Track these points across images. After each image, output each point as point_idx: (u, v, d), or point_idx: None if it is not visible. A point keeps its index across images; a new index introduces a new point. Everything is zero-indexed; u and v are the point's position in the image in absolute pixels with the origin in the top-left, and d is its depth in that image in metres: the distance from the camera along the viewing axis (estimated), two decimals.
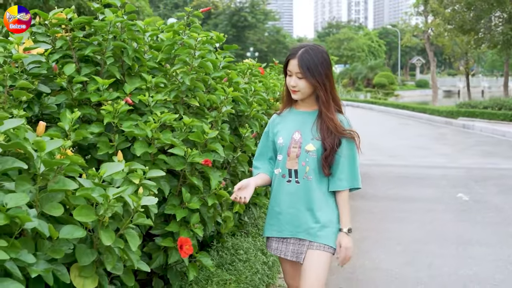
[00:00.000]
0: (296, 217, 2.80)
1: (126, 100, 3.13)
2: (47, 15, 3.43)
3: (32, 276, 2.05)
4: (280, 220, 2.85)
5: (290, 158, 2.80)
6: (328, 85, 2.75)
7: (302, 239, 2.81)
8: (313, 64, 2.70)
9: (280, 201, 2.84)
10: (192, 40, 3.34)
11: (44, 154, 2.23)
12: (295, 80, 2.74)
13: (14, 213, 1.96)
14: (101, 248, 2.39)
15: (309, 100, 2.85)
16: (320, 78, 2.71)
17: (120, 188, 2.32)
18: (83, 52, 3.33)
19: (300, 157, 2.78)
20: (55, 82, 3.14)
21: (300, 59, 2.70)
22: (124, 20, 3.30)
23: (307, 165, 2.77)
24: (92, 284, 2.32)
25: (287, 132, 2.85)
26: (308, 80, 2.70)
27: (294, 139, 2.81)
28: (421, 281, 4.81)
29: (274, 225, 2.88)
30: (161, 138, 2.96)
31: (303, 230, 2.79)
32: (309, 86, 2.73)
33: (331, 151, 2.74)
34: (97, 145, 2.96)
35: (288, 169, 2.81)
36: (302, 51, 2.72)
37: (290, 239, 2.84)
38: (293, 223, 2.81)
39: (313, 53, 2.72)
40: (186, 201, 3.01)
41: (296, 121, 2.86)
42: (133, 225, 2.46)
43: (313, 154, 2.76)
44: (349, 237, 2.79)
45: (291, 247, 2.84)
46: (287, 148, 2.81)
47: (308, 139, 2.78)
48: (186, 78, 3.27)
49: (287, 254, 2.85)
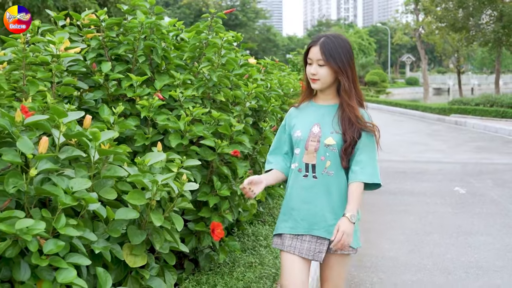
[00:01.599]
0: (312, 213, 2.67)
1: (157, 95, 3.35)
2: (79, 16, 3.64)
3: (96, 252, 2.28)
4: (294, 216, 2.72)
5: (308, 152, 2.68)
6: (350, 74, 2.65)
7: (320, 237, 2.67)
8: (335, 50, 2.60)
9: (294, 196, 2.73)
10: (218, 40, 3.57)
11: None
12: (316, 68, 2.63)
13: (81, 195, 2.18)
14: (149, 229, 2.61)
15: (329, 91, 2.74)
16: (342, 65, 2.61)
17: (167, 175, 2.56)
18: (115, 51, 3.55)
19: (319, 151, 2.66)
20: (92, 79, 3.36)
21: (322, 45, 2.61)
22: (154, 21, 3.52)
23: (327, 159, 2.65)
24: (142, 262, 2.55)
25: (305, 125, 2.74)
26: (330, 66, 2.60)
27: (313, 132, 2.69)
28: (425, 267, 5.06)
29: (288, 221, 2.74)
30: (193, 130, 3.19)
31: (321, 228, 2.66)
32: (330, 74, 2.63)
33: (350, 143, 2.63)
34: (134, 137, 3.18)
35: (305, 163, 2.69)
36: (324, 38, 2.64)
37: (306, 236, 2.69)
38: (308, 220, 2.68)
39: (336, 41, 2.63)
40: (217, 189, 3.24)
41: (315, 114, 2.75)
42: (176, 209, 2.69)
43: (333, 148, 2.65)
44: (350, 224, 2.53)
45: (306, 244, 2.68)
46: (305, 142, 2.69)
47: (328, 133, 2.66)
48: (213, 75, 3.50)
49: (302, 252, 2.68)
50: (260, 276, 3.49)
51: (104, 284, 2.23)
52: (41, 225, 1.96)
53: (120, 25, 3.73)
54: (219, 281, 3.25)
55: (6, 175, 2.04)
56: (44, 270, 2.05)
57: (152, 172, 2.60)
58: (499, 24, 24.08)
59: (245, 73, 3.92)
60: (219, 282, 3.23)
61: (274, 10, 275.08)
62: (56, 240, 2.05)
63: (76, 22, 3.75)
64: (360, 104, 2.73)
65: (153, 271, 2.69)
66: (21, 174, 2.09)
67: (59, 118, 2.28)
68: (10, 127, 2.22)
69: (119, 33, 3.66)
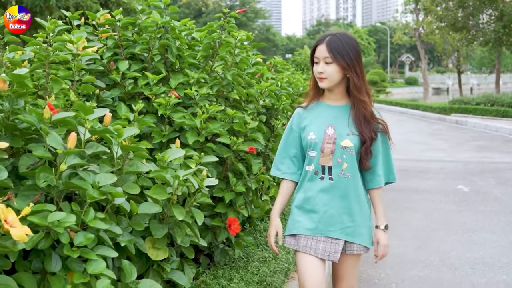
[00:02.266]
0: (330, 216, 2.64)
1: (174, 93, 3.42)
2: (95, 16, 3.71)
3: (122, 245, 2.35)
4: (312, 218, 2.68)
5: (324, 155, 2.64)
6: (359, 70, 2.62)
7: (335, 238, 2.65)
8: (342, 47, 2.57)
9: (312, 198, 2.68)
10: (232, 39, 3.64)
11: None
12: (323, 66, 2.59)
13: (107, 190, 2.25)
14: (170, 223, 2.68)
15: (338, 91, 2.70)
16: (350, 61, 2.58)
17: (188, 170, 2.62)
18: (131, 50, 3.62)
19: (335, 153, 2.62)
20: (109, 77, 3.43)
21: (329, 43, 2.58)
22: (168, 20, 3.59)
23: (344, 161, 2.62)
24: (164, 255, 2.62)
25: (318, 127, 2.68)
26: (338, 63, 2.56)
27: (328, 134, 2.64)
28: (432, 263, 5.13)
29: (302, 222, 2.70)
30: (210, 128, 3.26)
31: (337, 229, 2.65)
32: (338, 72, 2.59)
33: (371, 142, 2.62)
34: (152, 134, 3.25)
35: (321, 166, 2.65)
36: (330, 36, 2.61)
37: (320, 237, 2.67)
38: (326, 221, 2.65)
39: (342, 38, 2.60)
40: (232, 185, 3.31)
41: (328, 116, 2.69)
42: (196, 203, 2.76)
43: (351, 151, 2.62)
44: (386, 234, 2.71)
45: (321, 245, 2.66)
46: (321, 144, 2.64)
47: (344, 135, 2.63)
48: (227, 74, 3.57)
49: (318, 252, 2.65)
50: (274, 270, 3.57)
51: (130, 275, 2.30)
52: (72, 218, 2.03)
53: (134, 24, 3.79)
54: (234, 275, 3.32)
55: (38, 170, 2.10)
56: (74, 261, 2.12)
57: (173, 168, 2.66)
58: (499, 23, 24.18)
59: (257, 72, 3.99)
60: (235, 276, 3.31)
61: (273, 10, 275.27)
62: (85, 232, 2.11)
63: (91, 21, 3.81)
64: (369, 101, 2.71)
65: (174, 264, 2.75)
66: (51, 169, 2.15)
67: (85, 115, 2.34)
68: (38, 123, 2.28)
69: (133, 33, 3.73)
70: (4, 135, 2.31)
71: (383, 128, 2.71)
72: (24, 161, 2.23)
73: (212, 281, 3.18)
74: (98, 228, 2.19)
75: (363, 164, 2.66)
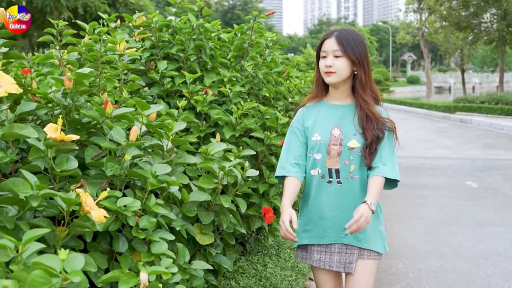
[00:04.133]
0: (341, 221, 2.50)
1: (209, 91, 3.64)
2: (131, 18, 3.92)
3: (177, 229, 2.57)
4: (321, 225, 2.58)
5: (330, 157, 2.54)
6: (366, 67, 2.55)
7: (349, 246, 2.56)
8: (352, 41, 2.49)
9: (321, 204, 2.58)
10: (263, 40, 3.86)
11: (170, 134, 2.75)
12: (332, 60, 2.49)
13: (164, 179, 2.47)
14: (215, 211, 2.90)
15: (344, 88, 2.60)
16: (360, 56, 2.50)
17: (232, 162, 2.85)
18: (167, 50, 3.84)
19: (342, 155, 2.52)
20: (148, 76, 3.65)
21: (338, 36, 2.50)
22: (203, 23, 3.81)
23: (351, 163, 2.52)
24: (210, 240, 2.84)
25: (323, 127, 2.58)
26: (348, 57, 2.48)
27: (334, 135, 2.55)
28: (445, 254, 5.35)
29: (313, 231, 2.61)
30: (245, 123, 3.47)
31: (349, 235, 2.52)
32: (347, 67, 2.50)
33: (372, 140, 2.50)
34: (190, 129, 3.47)
35: (328, 169, 2.55)
36: (339, 30, 2.55)
37: (334, 246, 2.58)
38: (337, 228, 2.54)
39: (351, 32, 2.54)
40: (266, 176, 3.52)
41: (333, 116, 2.60)
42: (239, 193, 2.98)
43: (358, 151, 2.52)
44: (369, 210, 2.37)
45: (336, 256, 2.57)
46: (327, 146, 2.54)
47: (350, 135, 2.54)
48: (259, 72, 3.78)
49: (333, 265, 2.57)
50: None
51: (183, 257, 2.53)
52: (137, 203, 2.25)
53: (168, 26, 4.01)
54: (268, 261, 3.54)
55: (106, 160, 2.32)
56: (138, 242, 2.34)
57: (218, 161, 2.88)
58: (503, 23, 24.38)
59: (284, 71, 4.21)
60: (268, 262, 3.53)
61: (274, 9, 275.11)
62: (148, 216, 2.33)
63: (128, 23, 4.02)
64: (376, 100, 2.62)
65: (218, 249, 2.98)
66: (116, 159, 2.37)
67: (142, 110, 2.56)
68: (100, 118, 2.50)
69: (167, 34, 3.94)
70: (68, 129, 2.52)
71: (390, 127, 2.58)
72: (89, 152, 2.45)
73: (249, 267, 3.40)
74: (157, 213, 2.41)
75: (364, 162, 2.52)
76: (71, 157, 2.25)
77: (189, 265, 2.57)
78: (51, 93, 2.54)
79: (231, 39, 4.23)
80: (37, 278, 1.44)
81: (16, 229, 1.95)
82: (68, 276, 1.47)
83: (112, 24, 3.95)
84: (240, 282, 3.16)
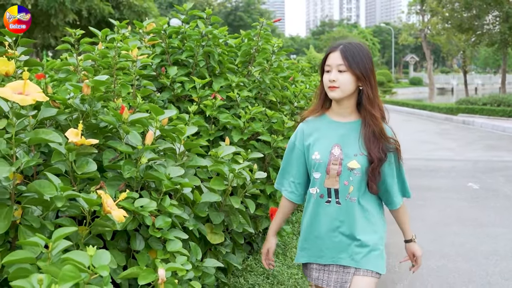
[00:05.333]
0: (338, 242, 2.48)
1: (217, 96, 3.77)
2: (142, 25, 4.06)
3: (190, 229, 2.70)
4: (319, 245, 2.53)
5: (329, 177, 2.46)
6: (373, 82, 2.45)
7: (346, 266, 2.49)
8: (357, 56, 2.40)
9: (319, 224, 2.52)
10: (269, 46, 3.99)
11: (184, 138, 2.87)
12: (335, 74, 2.40)
13: (178, 181, 2.60)
14: (225, 211, 3.03)
15: (348, 104, 2.50)
16: (366, 72, 2.41)
17: (242, 164, 2.98)
18: (177, 56, 3.97)
19: (342, 175, 2.44)
20: (159, 81, 3.78)
21: (344, 50, 2.41)
22: (212, 30, 3.94)
23: (350, 184, 2.44)
24: (220, 239, 2.97)
25: (324, 146, 2.50)
26: (352, 73, 2.39)
27: (334, 154, 2.46)
28: (447, 254, 5.47)
29: (311, 250, 2.56)
30: (253, 127, 3.60)
31: (347, 256, 2.48)
32: (352, 82, 2.40)
33: (378, 162, 2.43)
34: (200, 133, 3.60)
35: (327, 188, 2.47)
36: (344, 44, 2.45)
37: (332, 266, 2.52)
38: (334, 248, 2.49)
39: (357, 46, 2.45)
40: (273, 178, 3.65)
41: (334, 134, 2.50)
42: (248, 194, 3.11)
43: (357, 173, 2.43)
44: (417, 244, 2.72)
45: (333, 275, 2.51)
46: (326, 165, 2.46)
47: (351, 155, 2.44)
48: (266, 78, 3.92)
49: (330, 284, 2.51)
50: None
51: (196, 255, 2.66)
52: (153, 204, 2.38)
53: (178, 33, 4.14)
54: (275, 260, 3.67)
55: (123, 163, 2.46)
56: (154, 241, 2.48)
57: (228, 163, 3.01)
58: (505, 25, 24.49)
59: (289, 76, 4.34)
60: (275, 261, 3.66)
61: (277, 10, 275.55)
62: (164, 216, 2.46)
63: (138, 29, 4.16)
64: (382, 117, 2.51)
65: (228, 248, 3.11)
66: (133, 162, 2.50)
67: (156, 115, 2.69)
68: (116, 123, 2.63)
69: (177, 40, 4.08)
70: (86, 133, 2.65)
71: (394, 148, 2.49)
72: (107, 155, 2.58)
73: (256, 265, 3.54)
74: (171, 213, 2.54)
75: (370, 187, 2.46)
76: (90, 160, 2.38)
77: (201, 263, 2.70)
78: (69, 99, 2.66)
79: (238, 45, 4.36)
80: (68, 272, 1.56)
81: (41, 228, 2.09)
82: (96, 270, 1.60)
83: (123, 31, 4.08)
84: (248, 279, 3.29)
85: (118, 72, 3.40)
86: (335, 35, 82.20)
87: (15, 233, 2.09)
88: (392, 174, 2.52)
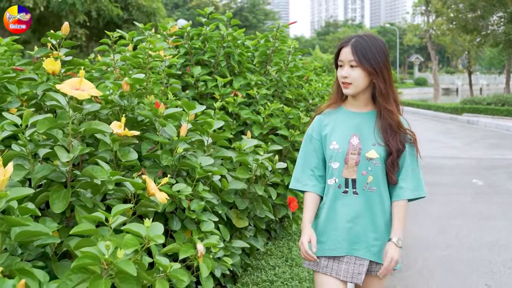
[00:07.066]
0: (354, 233, 2.44)
1: (238, 94, 4.05)
2: (166, 27, 4.34)
3: (219, 212, 2.98)
4: (335, 236, 2.47)
5: (348, 166, 2.43)
6: (386, 76, 2.41)
7: (359, 258, 2.44)
8: (369, 50, 2.38)
9: (335, 214, 2.47)
10: (286, 47, 4.28)
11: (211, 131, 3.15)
12: (347, 71, 2.40)
13: (209, 169, 2.88)
14: (250, 198, 3.31)
15: (363, 97, 2.50)
16: (378, 66, 2.38)
17: (265, 155, 3.26)
18: (199, 57, 4.26)
19: (360, 165, 2.42)
20: (184, 80, 4.07)
21: (354, 45, 2.38)
22: (232, 32, 4.23)
23: (369, 174, 2.42)
24: (245, 224, 3.25)
25: (342, 135, 2.47)
26: (363, 68, 2.37)
27: (352, 144, 2.44)
28: (452, 245, 5.75)
29: (325, 243, 2.48)
30: (272, 122, 3.89)
31: (362, 248, 2.44)
32: (363, 77, 2.39)
33: (398, 154, 2.42)
34: (223, 128, 3.89)
35: (345, 178, 2.44)
36: (356, 38, 2.42)
37: (343, 257, 2.47)
38: (350, 240, 2.45)
39: (369, 40, 2.41)
40: (290, 170, 3.93)
41: (351, 123, 2.49)
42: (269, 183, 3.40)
43: (376, 163, 2.41)
44: (397, 249, 2.38)
45: (344, 266, 2.46)
46: (345, 155, 2.43)
47: (369, 145, 2.43)
48: (283, 77, 4.21)
49: (340, 274, 2.45)
50: None
51: (226, 236, 2.93)
52: (188, 189, 2.66)
53: (200, 34, 4.43)
54: (292, 246, 3.95)
55: (161, 152, 2.75)
56: (189, 222, 2.76)
57: (251, 154, 3.30)
58: (509, 25, 24.72)
59: (304, 75, 4.63)
60: (293, 246, 3.94)
61: (281, 11, 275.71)
62: (198, 200, 2.75)
63: (162, 31, 4.44)
64: (397, 109, 2.50)
65: (251, 232, 3.39)
66: (169, 152, 2.79)
67: (188, 110, 2.97)
68: (153, 117, 2.92)
69: (199, 42, 4.37)
70: (125, 126, 2.94)
71: (412, 140, 2.49)
72: (145, 146, 2.87)
73: (276, 250, 3.82)
74: (204, 197, 2.82)
75: (389, 178, 2.45)
76: (132, 150, 2.67)
77: (230, 243, 2.99)
78: (110, 95, 2.94)
79: (254, 46, 4.65)
80: (129, 240, 1.85)
81: (93, 208, 2.37)
82: (153, 239, 1.88)
83: (147, 32, 4.36)
84: (269, 262, 3.58)
85: (148, 71, 3.69)
86: (340, 36, 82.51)
87: (70, 212, 2.38)
88: (404, 166, 2.46)
